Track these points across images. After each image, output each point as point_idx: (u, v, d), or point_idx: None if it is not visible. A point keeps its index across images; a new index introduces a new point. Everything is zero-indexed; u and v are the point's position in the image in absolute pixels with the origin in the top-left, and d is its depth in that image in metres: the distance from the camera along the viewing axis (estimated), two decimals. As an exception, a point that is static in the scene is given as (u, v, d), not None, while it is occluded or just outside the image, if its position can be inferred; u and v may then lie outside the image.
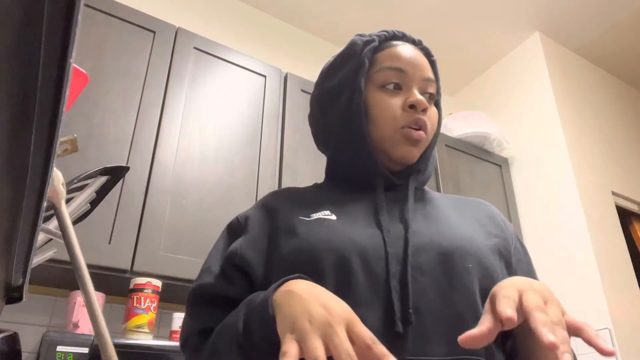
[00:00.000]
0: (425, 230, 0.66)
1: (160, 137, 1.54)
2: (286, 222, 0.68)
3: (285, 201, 0.73)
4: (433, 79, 0.74)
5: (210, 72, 1.77)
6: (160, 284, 1.39)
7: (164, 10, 2.18)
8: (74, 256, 0.50)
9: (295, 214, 0.69)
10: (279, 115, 1.87)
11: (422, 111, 0.70)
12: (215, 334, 0.61)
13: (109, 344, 0.48)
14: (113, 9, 1.62)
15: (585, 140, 2.56)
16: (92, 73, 1.48)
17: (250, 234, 0.69)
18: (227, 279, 0.66)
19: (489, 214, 0.76)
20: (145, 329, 1.34)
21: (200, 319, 0.66)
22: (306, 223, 0.67)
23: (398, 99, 0.71)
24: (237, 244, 0.68)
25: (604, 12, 2.61)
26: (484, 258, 0.64)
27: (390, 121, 0.70)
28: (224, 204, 1.58)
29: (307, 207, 0.70)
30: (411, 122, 0.69)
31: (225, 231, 0.75)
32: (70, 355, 1.10)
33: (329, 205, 0.70)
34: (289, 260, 0.63)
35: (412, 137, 0.69)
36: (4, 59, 0.19)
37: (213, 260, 0.70)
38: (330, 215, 0.67)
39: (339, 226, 0.65)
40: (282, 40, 2.58)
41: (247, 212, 0.74)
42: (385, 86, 0.72)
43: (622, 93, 3.08)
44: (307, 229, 0.65)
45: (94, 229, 1.32)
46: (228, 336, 0.57)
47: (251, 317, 0.55)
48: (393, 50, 0.73)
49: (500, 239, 0.71)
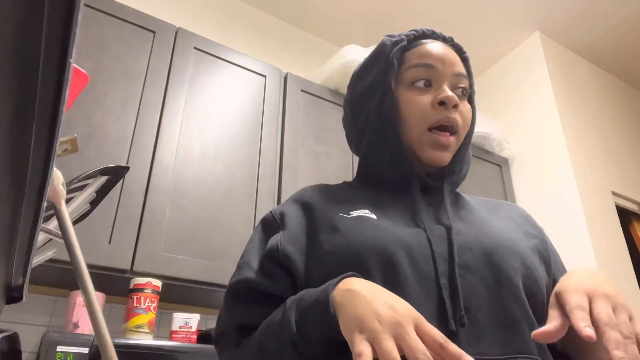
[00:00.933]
0: (467, 230, 0.65)
1: (160, 137, 1.54)
2: (326, 218, 0.66)
3: (320, 197, 0.71)
4: (465, 74, 0.72)
5: (210, 72, 1.77)
6: (160, 284, 1.39)
7: (164, 10, 2.18)
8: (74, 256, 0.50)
9: (333, 210, 0.67)
10: (279, 115, 1.87)
11: (453, 107, 0.68)
12: (261, 332, 0.59)
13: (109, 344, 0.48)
14: (113, 9, 1.62)
15: (585, 140, 2.56)
16: (92, 73, 1.48)
17: (288, 229, 0.67)
18: (268, 275, 0.64)
19: (523, 215, 0.75)
20: (145, 329, 1.34)
21: (239, 315, 0.64)
22: (347, 220, 0.65)
23: (428, 96, 0.69)
24: (276, 239, 0.66)
25: (604, 12, 2.61)
26: (527, 258, 0.63)
27: (420, 120, 0.68)
28: (224, 204, 1.58)
29: (344, 204, 0.68)
30: (441, 120, 0.68)
31: (259, 226, 0.73)
32: (70, 355, 1.10)
33: (366, 204, 0.68)
34: (331, 256, 0.61)
35: (439, 143, 0.68)
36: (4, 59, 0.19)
37: (251, 255, 0.68)
38: (370, 214, 0.65)
39: (380, 223, 0.63)
40: (282, 40, 2.58)
41: (281, 208, 0.72)
42: (414, 84, 0.70)
43: (622, 93, 3.08)
44: (348, 226, 0.63)
45: (94, 229, 1.32)
46: (277, 335, 0.56)
47: (307, 316, 0.53)
48: (422, 47, 0.72)
49: (539, 239, 0.70)
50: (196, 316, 1.44)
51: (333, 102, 2.05)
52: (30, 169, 0.28)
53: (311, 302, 0.54)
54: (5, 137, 0.23)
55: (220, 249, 1.52)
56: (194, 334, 1.42)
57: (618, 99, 3.01)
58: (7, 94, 0.21)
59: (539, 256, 0.67)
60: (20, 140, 0.25)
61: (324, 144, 1.92)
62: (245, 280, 0.65)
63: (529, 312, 0.58)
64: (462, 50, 0.76)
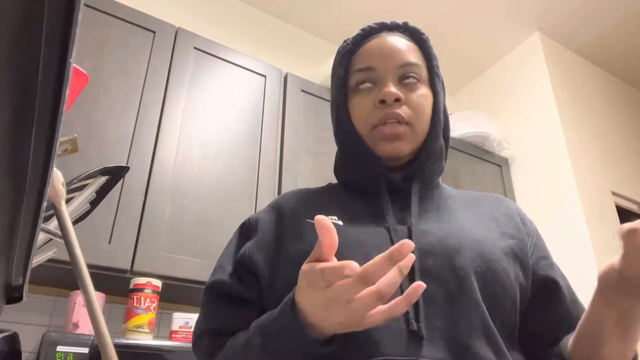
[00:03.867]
0: (435, 230, 0.64)
1: (160, 137, 1.54)
2: (294, 225, 0.68)
3: (294, 203, 0.72)
4: (412, 61, 0.70)
5: (210, 72, 1.77)
6: (160, 284, 1.39)
7: (164, 10, 2.18)
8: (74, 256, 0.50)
9: (302, 217, 0.68)
10: (279, 115, 1.87)
11: (396, 101, 0.67)
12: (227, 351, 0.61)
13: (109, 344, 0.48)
14: (113, 9, 1.62)
15: (585, 140, 2.56)
16: (92, 73, 1.48)
17: (259, 236, 0.69)
18: (240, 279, 0.67)
19: (507, 212, 0.73)
20: (145, 329, 1.34)
21: (213, 319, 0.67)
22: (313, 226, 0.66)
23: (371, 97, 0.69)
24: (247, 246, 0.69)
25: (604, 12, 2.61)
26: (494, 262, 0.62)
27: (364, 122, 0.69)
28: (224, 204, 1.58)
29: (315, 210, 0.69)
30: (382, 119, 0.67)
31: (237, 231, 0.75)
32: (70, 355, 1.10)
33: (337, 209, 0.69)
34: (295, 263, 0.61)
35: (385, 135, 0.67)
36: (4, 58, 0.19)
37: (226, 259, 0.71)
38: (337, 220, 0.66)
39: (345, 230, 0.64)
40: (282, 40, 2.58)
41: (258, 214, 0.74)
42: (358, 87, 0.71)
43: (622, 93, 3.08)
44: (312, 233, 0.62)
45: (94, 229, 1.32)
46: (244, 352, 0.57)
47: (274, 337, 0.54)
48: (363, 49, 0.72)
49: (517, 240, 0.68)
50: (196, 316, 1.44)
51: (333, 102, 2.05)
52: (30, 169, 0.28)
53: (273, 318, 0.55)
54: (5, 137, 0.23)
55: (220, 249, 1.50)
56: (194, 334, 1.42)
57: (618, 99, 3.01)
58: (7, 94, 0.21)
59: (513, 257, 0.65)
60: (20, 140, 0.25)
61: (324, 144, 1.92)
62: (219, 282, 0.67)
63: (487, 319, 0.57)
64: (419, 33, 0.74)
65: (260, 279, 0.65)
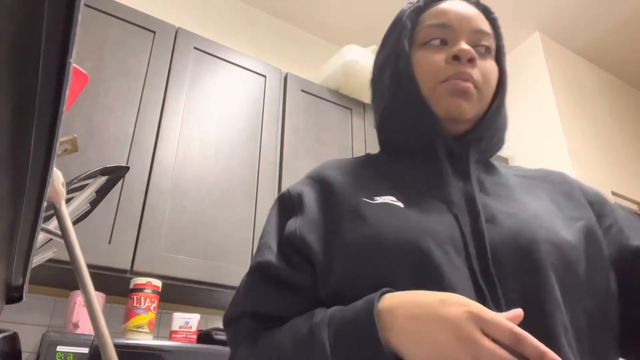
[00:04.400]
0: (502, 218, 0.58)
1: (160, 137, 1.54)
2: (349, 203, 0.60)
3: (342, 176, 0.65)
4: (488, 31, 0.67)
5: (210, 72, 1.77)
6: (160, 284, 1.39)
7: (164, 10, 2.18)
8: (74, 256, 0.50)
9: (357, 194, 0.61)
10: (279, 115, 1.87)
11: (469, 62, 0.63)
12: (284, 345, 0.54)
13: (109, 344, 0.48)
14: (113, 9, 1.62)
15: (585, 140, 2.56)
16: (92, 73, 1.48)
17: (307, 214, 0.62)
18: (289, 262, 0.60)
19: (567, 189, 0.67)
20: (145, 329, 1.34)
21: (257, 301, 0.60)
22: (372, 207, 0.59)
23: (442, 54, 0.64)
24: (295, 225, 0.61)
25: (604, 12, 2.61)
26: (568, 252, 0.55)
27: (432, 76, 0.64)
28: (224, 204, 1.58)
29: (367, 186, 0.63)
30: (454, 74, 0.62)
31: (276, 205, 0.67)
32: (70, 355, 1.10)
33: (391, 185, 0.63)
34: (356, 248, 0.56)
35: (456, 88, 0.62)
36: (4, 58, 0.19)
37: (270, 237, 0.63)
38: (396, 201, 0.59)
39: (408, 214, 0.57)
40: (282, 40, 2.58)
41: (299, 187, 0.66)
42: (428, 43, 0.66)
43: (622, 93, 3.08)
44: (374, 215, 0.57)
45: (94, 229, 1.32)
46: (304, 351, 0.51)
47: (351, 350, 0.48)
48: (438, 7, 0.68)
49: (584, 220, 0.61)
50: (196, 316, 1.44)
51: (333, 102, 2.05)
52: (30, 169, 0.28)
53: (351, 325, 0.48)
54: (5, 137, 0.23)
55: (220, 249, 1.52)
56: (194, 334, 1.42)
57: (618, 99, 3.01)
58: (7, 94, 0.21)
59: (586, 240, 0.58)
60: (20, 140, 0.25)
61: (324, 144, 1.92)
62: (268, 263, 0.60)
63: (565, 316, 0.52)
64: (490, 11, 0.70)
65: (314, 261, 0.58)
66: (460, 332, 0.42)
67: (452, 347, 0.42)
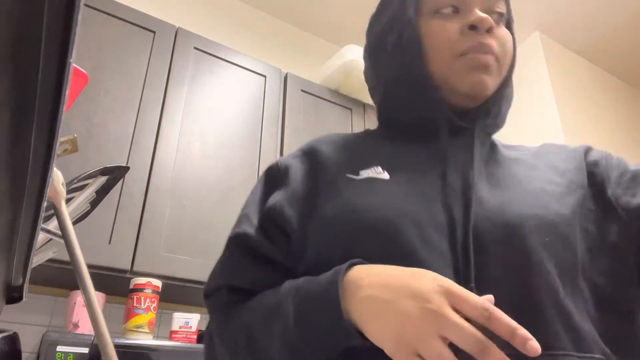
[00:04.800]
0: (490, 196, 0.54)
1: (160, 137, 1.54)
2: (331, 180, 0.58)
3: (333, 151, 0.62)
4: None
5: (210, 72, 1.77)
6: (160, 284, 1.39)
7: (164, 10, 2.18)
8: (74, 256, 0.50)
9: (342, 170, 0.59)
10: (279, 115, 1.87)
11: (487, 32, 0.57)
12: (253, 317, 0.53)
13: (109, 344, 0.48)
14: (113, 9, 1.62)
15: (585, 140, 2.56)
16: (92, 73, 1.48)
17: (290, 187, 0.59)
18: (267, 235, 0.58)
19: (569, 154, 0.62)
20: (145, 329, 1.34)
21: (234, 274, 0.58)
22: (353, 183, 0.57)
23: (456, 23, 0.58)
24: (277, 198, 0.59)
25: (605, 12, 2.61)
26: (563, 225, 0.52)
27: (447, 49, 0.58)
28: (224, 204, 1.58)
29: (356, 161, 0.60)
30: (472, 47, 0.57)
31: (263, 177, 0.65)
32: (70, 355, 1.10)
33: (381, 158, 0.59)
34: (330, 224, 0.54)
35: (477, 62, 0.57)
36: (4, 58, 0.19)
37: (251, 209, 0.61)
38: (382, 173, 0.57)
39: (391, 187, 0.55)
40: (282, 40, 2.58)
41: (288, 160, 0.64)
42: (439, 11, 0.60)
43: (622, 93, 3.08)
44: (354, 191, 0.55)
45: (94, 229, 1.32)
46: (272, 329, 0.50)
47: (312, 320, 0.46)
48: None
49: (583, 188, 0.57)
50: (196, 316, 1.44)
51: (333, 102, 2.05)
52: (30, 169, 0.28)
53: (316, 304, 0.46)
54: (5, 137, 0.23)
55: (220, 249, 1.51)
56: (194, 334, 1.42)
57: (618, 99, 3.01)
58: (7, 94, 0.21)
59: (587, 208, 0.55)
60: (20, 140, 0.25)
61: (324, 144, 1.92)
62: (245, 235, 0.58)
63: (560, 298, 0.48)
64: None
65: (292, 239, 0.56)
66: (428, 304, 0.40)
67: (417, 319, 0.40)
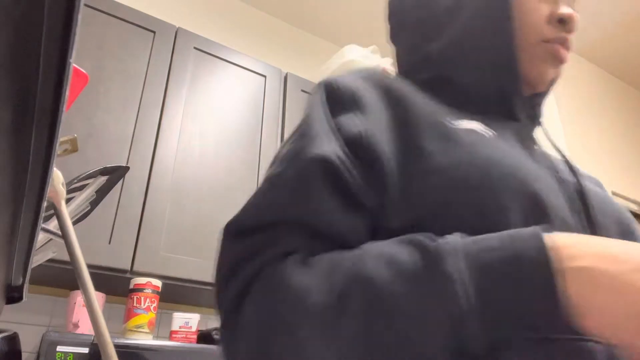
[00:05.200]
0: (587, 183, 0.51)
1: (160, 137, 1.54)
2: (430, 120, 0.46)
3: (410, 94, 0.50)
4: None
5: (210, 72, 1.77)
6: (160, 284, 1.39)
7: (164, 10, 2.18)
8: (74, 256, 0.50)
9: (438, 114, 0.47)
10: (279, 115, 1.87)
11: (569, 31, 0.56)
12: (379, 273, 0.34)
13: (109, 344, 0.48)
14: (113, 9, 1.62)
15: (585, 140, 2.56)
16: (92, 73, 1.48)
17: (372, 117, 0.45)
18: (358, 171, 0.42)
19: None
20: (145, 329, 1.34)
21: (314, 208, 0.40)
22: (461, 131, 0.46)
23: (546, 5, 0.55)
24: (358, 127, 0.44)
25: (605, 13, 2.61)
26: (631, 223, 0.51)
27: (535, 31, 0.54)
28: (224, 204, 1.58)
29: (442, 108, 0.50)
30: (557, 38, 0.55)
31: (323, 96, 0.48)
32: (70, 355, 1.10)
33: (470, 115, 0.50)
34: (451, 175, 0.42)
35: (558, 54, 0.55)
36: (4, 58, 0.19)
37: (321, 130, 0.44)
38: (485, 130, 0.47)
39: (506, 146, 0.46)
40: (282, 40, 2.58)
41: (347, 82, 0.49)
42: None
43: (622, 93, 3.08)
44: (470, 139, 0.45)
45: (94, 229, 1.32)
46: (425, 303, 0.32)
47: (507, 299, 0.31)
48: None
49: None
50: (196, 316, 1.44)
51: (333, 102, 2.05)
52: (30, 169, 0.28)
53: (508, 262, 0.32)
54: (6, 137, 0.23)
55: (220, 249, 1.51)
56: (194, 334, 1.42)
57: (618, 99, 3.01)
58: (7, 94, 0.21)
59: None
60: (20, 140, 0.25)
61: (324, 144, 1.92)
62: (328, 160, 0.41)
63: None
64: None
65: (388, 183, 0.42)
66: None
67: None
